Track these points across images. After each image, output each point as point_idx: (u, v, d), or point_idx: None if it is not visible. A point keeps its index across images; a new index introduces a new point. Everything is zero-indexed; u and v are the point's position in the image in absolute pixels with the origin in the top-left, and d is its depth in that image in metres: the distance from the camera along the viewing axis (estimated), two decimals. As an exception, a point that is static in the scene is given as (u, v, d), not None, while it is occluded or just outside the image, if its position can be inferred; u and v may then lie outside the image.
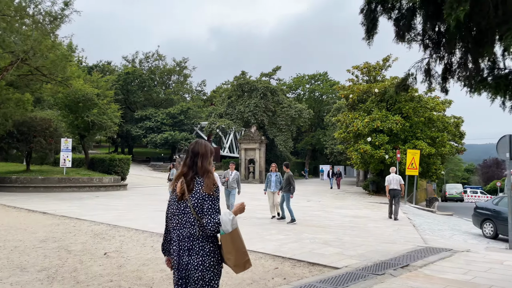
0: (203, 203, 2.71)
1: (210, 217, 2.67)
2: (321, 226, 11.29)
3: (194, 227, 2.71)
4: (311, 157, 62.30)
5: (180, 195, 2.77)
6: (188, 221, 2.73)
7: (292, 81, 62.29)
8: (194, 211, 2.70)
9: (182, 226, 2.74)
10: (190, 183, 2.76)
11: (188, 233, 2.71)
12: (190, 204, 2.71)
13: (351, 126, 23.56)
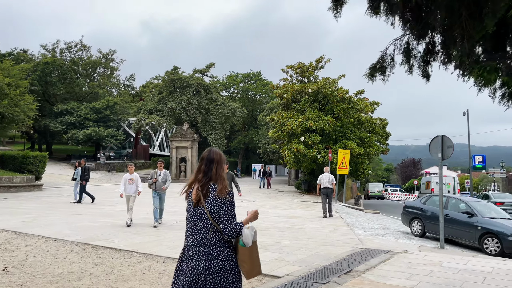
0: (219, 209, 2.79)
1: (227, 222, 2.77)
2: (258, 228, 10.74)
3: (210, 233, 2.74)
4: (244, 156, 62.21)
5: (196, 202, 2.82)
6: (204, 227, 2.76)
7: (225, 79, 61.66)
8: (211, 217, 2.76)
9: (198, 232, 2.77)
10: (204, 189, 2.82)
11: (205, 239, 2.74)
12: (207, 211, 2.77)
13: (285, 125, 23.49)
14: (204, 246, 2.72)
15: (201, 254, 2.71)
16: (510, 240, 10.15)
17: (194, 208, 2.83)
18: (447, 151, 9.62)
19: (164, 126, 42.11)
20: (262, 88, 60.34)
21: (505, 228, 10.50)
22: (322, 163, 22.81)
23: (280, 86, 26.00)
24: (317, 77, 26.43)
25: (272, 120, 25.79)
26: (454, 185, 39.47)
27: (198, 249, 2.73)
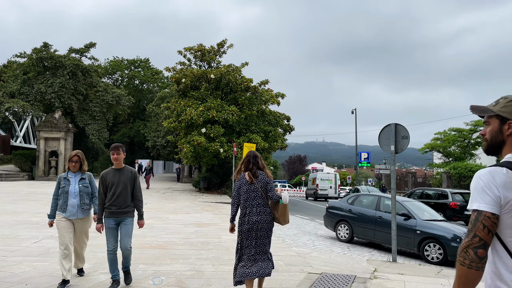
0: (266, 185, 4.74)
1: (273, 192, 4.72)
2: (163, 245, 7.80)
3: (261, 199, 4.69)
4: (128, 151, 56.62)
5: (250, 181, 4.71)
6: (257, 196, 4.68)
7: (108, 64, 55.22)
8: (261, 190, 4.70)
9: (253, 199, 4.67)
10: (255, 174, 4.74)
11: (258, 203, 4.67)
12: (258, 186, 4.69)
13: (183, 114, 20.44)
14: (256, 207, 4.65)
15: (255, 212, 4.64)
16: (454, 246, 8.98)
17: (249, 185, 4.71)
18: (401, 142, 7.95)
19: (31, 113, 35.10)
20: (151, 77, 55.61)
21: (447, 232, 9.34)
22: (225, 158, 20.41)
23: (178, 70, 22.77)
24: (219, 63, 23.88)
25: (167, 108, 22.46)
26: (335, 181, 41.16)
27: (252, 209, 4.66)
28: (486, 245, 1.62)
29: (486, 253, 1.63)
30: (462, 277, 1.62)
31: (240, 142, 20.59)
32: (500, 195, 1.62)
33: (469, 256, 1.61)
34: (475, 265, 1.60)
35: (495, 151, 1.83)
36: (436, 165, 41.05)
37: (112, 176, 5.07)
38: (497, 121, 1.77)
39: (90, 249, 6.87)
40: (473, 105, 1.88)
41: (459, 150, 40.07)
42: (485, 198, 1.64)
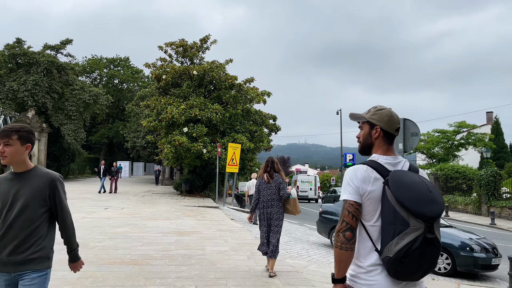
0: (280, 184, 6.16)
1: (284, 190, 6.15)
2: (137, 260, 6.66)
3: (275, 195, 6.14)
4: (107, 152, 54.72)
5: (268, 181, 6.18)
6: (272, 193, 6.14)
7: (86, 63, 53.27)
8: (276, 188, 6.15)
9: (269, 195, 6.13)
10: (272, 175, 6.23)
11: (272, 198, 6.12)
12: (273, 185, 6.15)
13: (164, 112, 19.20)
14: (271, 201, 6.12)
15: (269, 205, 6.12)
16: (464, 255, 8.11)
17: (266, 184, 6.20)
18: (411, 140, 7.03)
19: (1, 112, 33.17)
20: (131, 76, 53.92)
21: (454, 239, 8.47)
22: (208, 159, 19.27)
23: (158, 66, 21.50)
24: (202, 59, 22.71)
25: (147, 106, 21.18)
26: (315, 183, 40.85)
27: (268, 203, 6.14)
28: (352, 228, 1.92)
29: (353, 235, 1.92)
30: (336, 257, 1.94)
31: (224, 142, 19.49)
32: (360, 187, 1.96)
33: (339, 239, 1.92)
34: (344, 246, 1.90)
35: (367, 151, 2.14)
36: (421, 167, 40.73)
37: (4, 187, 2.54)
38: (368, 126, 2.10)
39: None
40: (351, 112, 2.21)
41: (442, 151, 39.89)
42: (349, 189, 1.97)
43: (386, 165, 1.99)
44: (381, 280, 1.86)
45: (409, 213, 1.81)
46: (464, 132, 39.32)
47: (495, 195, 22.85)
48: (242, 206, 23.93)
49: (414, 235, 1.79)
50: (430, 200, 1.84)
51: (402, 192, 1.85)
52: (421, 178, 1.95)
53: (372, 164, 2.00)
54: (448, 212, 23.04)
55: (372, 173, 1.96)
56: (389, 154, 2.06)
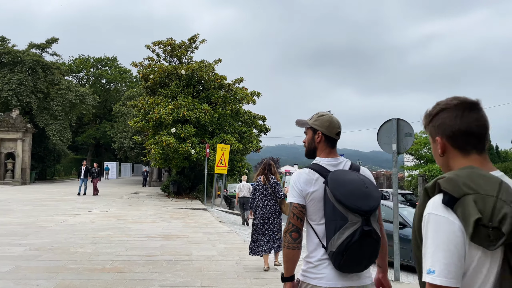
0: (275, 186, 6.54)
1: (280, 191, 6.53)
2: (119, 267, 6.33)
3: (271, 196, 6.50)
4: (94, 153, 53.89)
5: (264, 182, 6.55)
6: (268, 194, 6.50)
7: (73, 62, 52.39)
8: (271, 189, 6.50)
9: (265, 196, 6.51)
10: (268, 177, 6.56)
11: (268, 199, 6.49)
12: (269, 186, 6.52)
13: (151, 113, 18.81)
14: (267, 201, 6.49)
15: (266, 205, 6.48)
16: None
17: (262, 185, 6.57)
18: (404, 141, 6.82)
19: (-16, 112, 32.40)
20: (119, 76, 53.19)
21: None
22: (196, 160, 18.93)
23: (145, 65, 21.08)
24: (191, 59, 22.34)
25: (134, 106, 20.74)
26: None
27: (264, 203, 6.50)
28: (297, 229, 2.05)
29: (299, 235, 2.05)
30: (285, 256, 2.07)
31: (213, 143, 19.17)
32: (302, 189, 2.08)
33: (287, 239, 2.04)
34: (291, 246, 2.03)
35: (312, 155, 2.28)
36: (408, 168, 40.90)
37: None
38: (311, 132, 2.25)
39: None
40: (297, 119, 2.38)
41: (430, 152, 40.11)
42: (294, 193, 2.11)
43: (327, 166, 2.12)
44: (328, 273, 1.98)
45: (347, 208, 1.94)
46: (452, 134, 39.61)
47: (483, 196, 22.94)
48: (231, 208, 23.63)
49: (353, 229, 1.91)
50: (366, 196, 1.98)
51: (339, 190, 1.97)
52: (360, 175, 2.08)
53: (314, 166, 2.13)
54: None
55: (314, 175, 2.09)
56: (331, 156, 2.19)
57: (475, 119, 1.34)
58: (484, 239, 1.12)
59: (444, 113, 1.38)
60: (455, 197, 1.18)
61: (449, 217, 1.18)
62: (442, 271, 1.15)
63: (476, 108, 1.37)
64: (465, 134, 1.33)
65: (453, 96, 1.43)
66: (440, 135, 1.38)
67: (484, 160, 1.33)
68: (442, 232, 1.17)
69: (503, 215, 1.11)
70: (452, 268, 1.15)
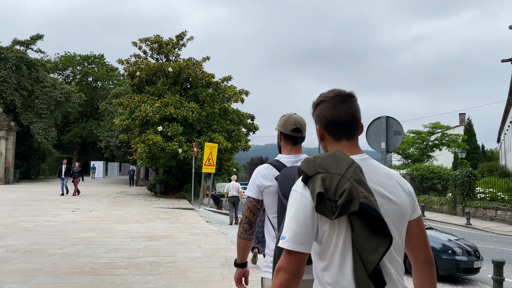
0: None
1: None
2: (99, 269, 6.08)
3: None
4: (80, 152, 53.09)
5: None
6: None
7: (59, 60, 51.53)
8: None
9: None
10: None
11: None
12: None
13: (137, 111, 18.48)
14: None
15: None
16: (446, 259, 7.87)
17: None
18: (394, 139, 6.71)
19: (-34, 109, 31.59)
20: (106, 74, 52.50)
21: (436, 242, 8.24)
22: (184, 158, 18.67)
23: (132, 62, 20.72)
24: (178, 56, 22.03)
25: (120, 104, 20.37)
26: None
27: None
28: (250, 221, 2.20)
29: (250, 227, 2.21)
30: (238, 245, 2.26)
31: (200, 142, 18.93)
32: (260, 184, 2.19)
33: (240, 230, 2.23)
34: (243, 236, 2.21)
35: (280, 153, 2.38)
36: (396, 167, 41.11)
37: None
38: (279, 132, 2.36)
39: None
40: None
41: (417, 152, 40.38)
42: (252, 188, 2.23)
43: (286, 163, 2.23)
44: None
45: None
46: (438, 133, 39.94)
47: (470, 195, 23.08)
48: (219, 207, 23.39)
49: None
50: None
51: (285, 185, 2.02)
52: None
53: (274, 162, 2.26)
54: (424, 212, 23.13)
55: (271, 170, 2.20)
56: (292, 153, 2.30)
57: (345, 110, 1.50)
58: (328, 211, 1.31)
59: (322, 104, 1.54)
60: (308, 175, 1.37)
61: (304, 193, 1.37)
62: (291, 238, 1.34)
63: (347, 101, 1.52)
64: (336, 123, 1.50)
65: (332, 89, 1.58)
66: (318, 124, 1.56)
67: (352, 145, 1.51)
68: (296, 205, 1.37)
69: (343, 190, 1.29)
70: (299, 236, 1.33)
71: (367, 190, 1.32)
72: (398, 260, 1.43)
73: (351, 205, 1.28)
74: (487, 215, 21.03)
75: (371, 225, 1.30)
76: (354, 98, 1.54)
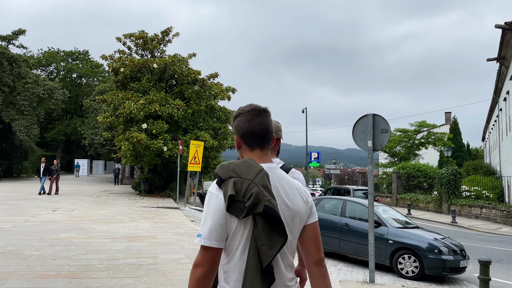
0: None
1: None
2: (75, 272, 5.81)
3: None
4: (64, 150, 52.15)
5: None
6: None
7: (42, 55, 50.46)
8: None
9: None
10: None
11: None
12: None
13: (121, 108, 18.09)
14: None
15: None
16: (432, 258, 7.79)
17: None
18: (380, 137, 6.58)
19: None
20: (90, 70, 51.61)
21: (421, 241, 8.16)
22: (169, 157, 18.36)
23: (116, 58, 20.29)
24: (164, 52, 21.66)
25: (103, 101, 19.94)
26: None
27: None
28: None
29: None
30: None
31: (186, 140, 18.63)
32: None
33: None
34: None
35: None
36: (383, 165, 41.35)
37: None
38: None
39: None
40: None
41: (404, 150, 40.65)
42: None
43: None
44: None
45: None
46: (425, 132, 40.24)
47: (455, 193, 23.27)
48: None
49: None
50: None
51: None
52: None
53: None
54: (410, 210, 23.24)
55: None
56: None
57: (258, 123, 1.67)
58: (237, 211, 1.48)
59: (240, 117, 1.71)
60: (223, 179, 1.54)
61: (219, 194, 1.53)
62: (206, 235, 1.50)
63: (261, 115, 1.69)
64: (251, 134, 1.67)
65: (250, 103, 1.76)
66: (236, 134, 1.74)
67: (263, 155, 1.70)
68: (211, 205, 1.53)
69: (251, 193, 1.47)
70: (214, 233, 1.50)
71: (271, 194, 1.52)
72: (289, 257, 1.66)
73: (257, 207, 1.47)
74: (472, 213, 21.22)
75: (272, 225, 1.49)
76: (267, 113, 1.74)
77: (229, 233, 1.54)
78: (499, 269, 8.88)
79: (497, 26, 17.88)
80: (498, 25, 17.83)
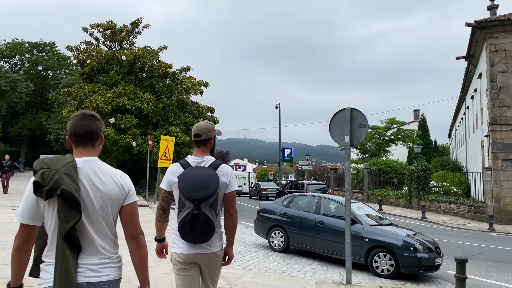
0: None
1: None
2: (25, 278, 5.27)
3: None
4: (29, 145, 50.00)
5: None
6: None
7: (5, 46, 48.07)
8: None
9: None
10: None
11: None
12: None
13: (87, 101, 17.29)
14: None
15: None
16: (407, 256, 7.66)
17: None
18: (358, 132, 6.33)
19: None
20: (57, 63, 49.62)
21: (397, 238, 8.02)
22: (138, 152, 17.72)
23: (82, 50, 19.38)
24: (133, 44, 20.88)
25: (68, 94, 19.02)
26: (249, 179, 42.76)
27: None
28: (163, 208, 2.80)
29: (164, 213, 2.82)
30: (155, 225, 2.92)
31: (156, 135, 18.04)
32: (169, 179, 2.77)
33: (156, 214, 2.84)
34: (159, 219, 2.85)
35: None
36: (354, 161, 41.81)
37: None
38: None
39: None
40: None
41: (374, 146, 41.25)
42: (164, 181, 2.79)
43: (192, 163, 2.79)
44: (183, 244, 2.76)
45: (184, 196, 2.59)
46: (394, 129, 40.92)
47: (425, 189, 23.66)
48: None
49: (186, 212, 2.58)
50: (201, 188, 2.57)
51: (183, 182, 2.62)
52: (207, 171, 2.67)
53: (182, 162, 2.82)
54: (381, 205, 23.47)
55: (179, 168, 2.76)
56: (198, 155, 2.85)
57: (80, 126, 1.98)
58: (42, 194, 1.81)
59: (71, 120, 2.02)
60: (36, 170, 1.86)
61: (29, 182, 1.89)
62: (20, 214, 1.90)
63: (86, 119, 2.00)
64: (74, 135, 2.00)
65: (82, 111, 2.08)
66: (68, 135, 2.04)
67: (86, 151, 2.01)
68: (26, 191, 1.91)
69: (53, 180, 1.81)
70: (26, 213, 1.89)
71: (72, 180, 1.84)
72: (107, 233, 2.02)
73: (56, 190, 1.79)
74: (441, 209, 21.61)
75: (69, 204, 1.82)
76: (93, 117, 2.04)
77: (43, 212, 1.89)
78: (471, 266, 8.89)
79: (467, 24, 18.16)
80: (468, 23, 18.11)
